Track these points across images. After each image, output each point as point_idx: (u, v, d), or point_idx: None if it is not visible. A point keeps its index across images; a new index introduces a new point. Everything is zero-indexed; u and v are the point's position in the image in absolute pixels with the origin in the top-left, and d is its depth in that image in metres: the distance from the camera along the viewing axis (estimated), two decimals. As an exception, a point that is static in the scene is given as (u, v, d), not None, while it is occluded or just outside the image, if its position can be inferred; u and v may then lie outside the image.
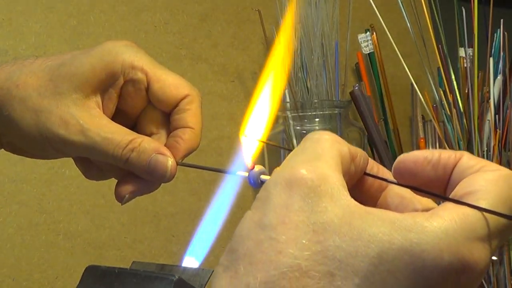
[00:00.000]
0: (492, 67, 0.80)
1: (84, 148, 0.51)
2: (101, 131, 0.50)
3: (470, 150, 0.81)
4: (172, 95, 0.52)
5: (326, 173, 0.35)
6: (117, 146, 0.51)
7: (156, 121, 0.54)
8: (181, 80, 0.53)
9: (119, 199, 0.54)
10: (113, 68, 0.51)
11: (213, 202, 0.57)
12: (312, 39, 0.92)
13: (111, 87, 0.52)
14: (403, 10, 0.85)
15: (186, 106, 0.53)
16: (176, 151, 0.52)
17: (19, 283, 0.85)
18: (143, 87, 0.52)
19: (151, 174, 0.52)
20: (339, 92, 0.94)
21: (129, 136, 0.51)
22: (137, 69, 0.52)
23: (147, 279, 0.49)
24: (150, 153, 0.51)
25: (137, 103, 0.54)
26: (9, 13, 0.87)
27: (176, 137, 0.53)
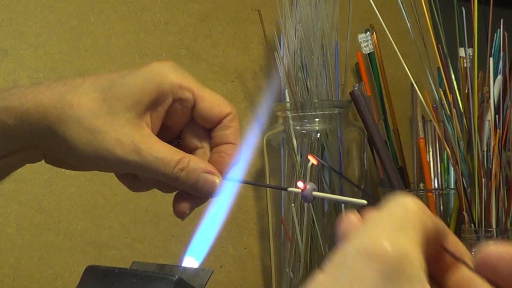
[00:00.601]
0: (492, 67, 0.80)
1: (137, 167, 0.54)
2: (153, 151, 0.53)
3: (470, 150, 0.81)
4: (216, 114, 0.56)
5: (409, 252, 0.33)
6: (168, 166, 0.53)
7: (199, 136, 0.57)
8: (223, 99, 0.57)
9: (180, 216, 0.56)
10: (162, 88, 0.54)
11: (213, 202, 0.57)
12: (312, 39, 0.92)
13: (160, 105, 0.55)
14: (403, 10, 0.85)
15: (229, 123, 0.56)
16: (222, 166, 0.56)
17: (19, 283, 0.85)
18: (190, 105, 0.56)
19: (199, 192, 0.55)
20: (339, 92, 0.94)
21: (178, 155, 0.54)
22: (185, 89, 0.55)
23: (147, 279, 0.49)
24: (199, 172, 0.54)
25: (181, 119, 0.57)
26: (9, 13, 0.87)
27: (221, 153, 0.56)
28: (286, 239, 0.93)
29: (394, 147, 1.00)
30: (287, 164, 0.93)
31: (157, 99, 0.54)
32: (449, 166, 0.97)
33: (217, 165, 0.56)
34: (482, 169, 0.79)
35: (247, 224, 0.99)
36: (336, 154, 0.94)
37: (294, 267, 0.92)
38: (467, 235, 0.81)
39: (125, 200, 0.91)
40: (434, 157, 0.99)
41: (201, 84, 0.56)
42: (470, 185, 0.80)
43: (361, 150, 0.97)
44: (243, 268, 0.99)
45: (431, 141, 0.99)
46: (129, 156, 0.53)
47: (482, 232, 0.80)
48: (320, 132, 0.93)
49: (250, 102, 1.00)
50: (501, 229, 0.80)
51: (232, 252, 0.98)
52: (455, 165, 0.82)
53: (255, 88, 1.01)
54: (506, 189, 0.80)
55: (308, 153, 0.91)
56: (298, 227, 0.90)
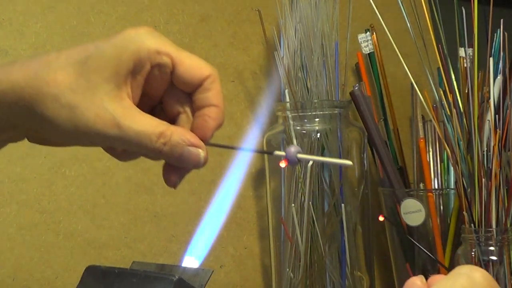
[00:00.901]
0: (492, 67, 0.80)
1: (118, 141, 0.53)
2: (133, 124, 0.52)
3: (470, 150, 0.81)
4: (197, 76, 0.55)
5: None
6: (149, 140, 0.52)
7: (181, 101, 0.56)
8: (201, 60, 0.55)
9: (171, 185, 0.56)
10: (140, 56, 0.53)
11: (213, 202, 0.57)
12: (312, 39, 0.92)
13: (139, 74, 0.54)
14: (403, 10, 0.85)
15: (210, 85, 0.55)
16: (206, 130, 0.55)
17: (19, 283, 0.85)
18: (169, 70, 0.54)
19: (184, 165, 0.54)
20: (339, 92, 0.94)
21: (160, 128, 0.53)
22: (163, 54, 0.54)
23: (147, 279, 0.49)
24: (182, 146, 0.53)
25: (161, 85, 0.55)
26: (9, 13, 0.87)
27: (204, 116, 0.55)
28: (286, 239, 0.93)
29: (394, 147, 1.00)
30: (287, 164, 0.93)
31: (135, 67, 0.53)
32: (449, 166, 0.97)
33: (201, 130, 0.55)
34: (482, 169, 0.79)
35: (247, 224, 0.99)
36: (336, 154, 0.94)
37: (294, 267, 0.92)
38: (467, 235, 0.81)
39: (125, 200, 0.91)
40: (434, 157, 0.99)
41: (179, 48, 0.55)
42: (470, 185, 0.80)
43: (361, 150, 0.97)
44: (243, 268, 0.99)
45: (431, 141, 0.99)
46: (110, 131, 0.52)
47: (482, 232, 0.80)
48: (320, 132, 0.93)
49: (250, 102, 1.00)
50: (501, 229, 0.80)
51: (232, 252, 0.98)
52: (455, 165, 0.82)
53: (255, 88, 1.01)
54: (506, 189, 0.80)
55: (307, 153, 0.91)
56: (298, 227, 0.90)
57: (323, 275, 0.92)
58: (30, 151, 0.86)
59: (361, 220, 0.96)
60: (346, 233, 0.93)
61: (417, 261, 0.95)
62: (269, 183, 0.95)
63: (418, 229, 0.94)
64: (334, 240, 0.93)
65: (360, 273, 0.96)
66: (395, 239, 0.97)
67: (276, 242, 0.94)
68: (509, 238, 0.80)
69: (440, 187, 0.98)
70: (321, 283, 0.92)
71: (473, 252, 0.81)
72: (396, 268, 0.98)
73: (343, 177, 0.93)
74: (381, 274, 1.05)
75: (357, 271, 0.95)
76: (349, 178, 0.96)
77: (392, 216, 0.96)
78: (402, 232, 0.94)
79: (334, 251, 0.93)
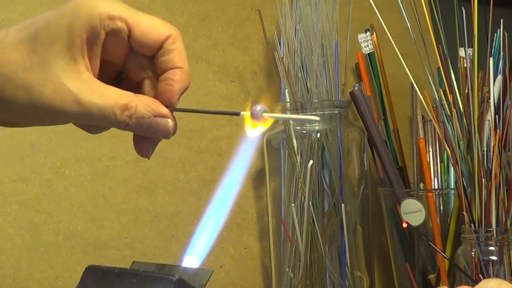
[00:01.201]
0: (492, 67, 0.80)
1: (81, 118, 0.50)
2: (94, 99, 0.49)
3: (470, 150, 0.81)
4: (155, 38, 0.52)
5: None
6: (114, 113, 0.50)
7: (143, 66, 0.53)
8: (160, 21, 0.52)
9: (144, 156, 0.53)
10: (92, 24, 0.50)
11: (213, 202, 0.57)
12: (312, 39, 0.92)
13: (94, 43, 0.51)
14: (403, 10, 0.84)
15: (171, 46, 0.52)
16: (171, 95, 0.52)
17: (19, 283, 0.85)
18: (125, 35, 0.51)
19: (153, 135, 0.52)
20: (339, 92, 0.94)
21: (124, 100, 0.50)
22: (116, 19, 0.51)
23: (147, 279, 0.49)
24: (149, 117, 0.51)
25: (120, 52, 0.53)
26: (9, 13, 0.87)
27: (168, 80, 0.52)
28: (286, 239, 0.93)
29: (394, 147, 1.00)
30: (287, 164, 0.93)
31: (89, 37, 0.50)
32: (449, 166, 0.97)
33: (166, 94, 0.52)
34: (482, 169, 0.79)
35: (247, 224, 0.99)
36: (336, 154, 0.94)
37: (294, 267, 0.92)
38: (467, 235, 0.81)
39: (125, 200, 0.91)
40: (434, 157, 0.99)
41: (134, 10, 0.52)
42: (470, 185, 0.80)
43: (361, 150, 0.97)
44: (243, 268, 0.99)
45: (431, 141, 0.99)
46: (71, 108, 0.49)
47: (482, 232, 0.80)
48: (320, 132, 0.93)
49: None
50: (501, 229, 0.80)
51: (232, 252, 0.98)
52: (455, 165, 0.82)
53: (255, 88, 1.01)
54: (506, 189, 0.80)
55: (307, 153, 0.91)
56: (298, 227, 0.90)
57: (323, 275, 0.92)
58: (30, 151, 0.86)
59: (361, 220, 0.96)
60: (346, 233, 0.93)
61: (417, 261, 0.95)
62: (269, 183, 0.95)
63: (418, 229, 0.94)
64: (334, 240, 0.93)
65: (360, 273, 0.96)
66: (395, 239, 0.97)
67: (276, 242, 0.94)
68: (509, 238, 0.80)
69: (440, 187, 0.98)
70: (321, 283, 0.92)
71: (473, 252, 0.81)
72: (396, 268, 0.98)
73: (343, 177, 0.93)
74: (381, 274, 1.05)
75: (357, 271, 0.95)
76: (349, 178, 0.96)
77: (392, 216, 0.96)
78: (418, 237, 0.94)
79: (334, 251, 0.93)
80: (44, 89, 0.49)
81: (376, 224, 1.02)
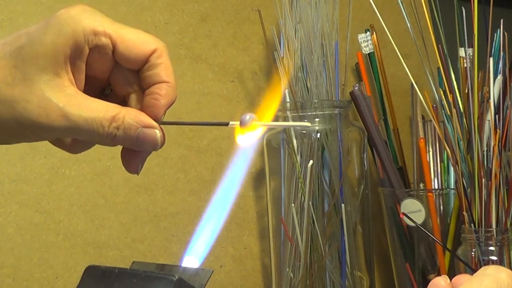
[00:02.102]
0: (492, 67, 0.80)
1: (68, 132, 0.50)
2: (82, 112, 0.49)
3: (470, 150, 0.81)
4: (140, 52, 0.51)
5: None
6: (101, 126, 0.49)
7: (129, 80, 0.53)
8: (145, 35, 0.52)
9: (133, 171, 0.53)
10: (75, 39, 0.49)
11: (213, 202, 0.57)
12: (312, 39, 0.92)
13: (78, 58, 0.50)
14: (403, 10, 0.85)
15: (157, 60, 0.52)
16: (157, 109, 0.51)
17: (19, 283, 0.85)
18: (109, 50, 0.51)
19: (141, 147, 0.51)
20: (339, 92, 0.94)
21: (111, 112, 0.50)
22: (100, 35, 0.50)
23: (147, 279, 0.49)
24: (136, 128, 0.50)
25: (104, 66, 0.52)
26: (9, 13, 0.87)
27: (154, 94, 0.51)
28: (286, 239, 0.93)
29: (394, 147, 1.00)
30: (287, 164, 0.93)
31: (73, 53, 0.49)
32: (449, 166, 0.97)
33: (152, 109, 0.51)
34: (482, 169, 0.79)
35: (247, 224, 0.99)
36: (336, 154, 0.94)
37: (294, 267, 0.92)
38: (467, 235, 0.81)
39: (125, 200, 0.91)
40: (434, 157, 0.99)
41: (118, 24, 0.51)
42: (470, 185, 0.80)
43: (361, 150, 0.97)
44: (243, 268, 0.99)
45: (431, 141, 0.99)
46: (57, 122, 0.48)
47: (482, 232, 0.80)
48: (320, 132, 0.93)
49: (250, 102, 1.00)
50: (501, 229, 0.80)
51: (232, 252, 0.98)
52: (455, 165, 0.82)
53: (255, 88, 1.01)
54: (506, 189, 0.80)
55: (307, 153, 0.91)
56: (298, 227, 0.90)
57: (323, 275, 0.92)
58: (30, 151, 0.86)
59: (361, 220, 0.96)
60: (346, 233, 0.93)
61: (417, 261, 0.95)
62: (269, 183, 0.95)
63: (418, 229, 0.94)
64: (334, 240, 0.93)
65: (360, 273, 0.96)
66: (395, 239, 0.97)
67: (276, 242, 0.94)
68: (509, 238, 0.80)
69: (440, 187, 0.98)
70: (321, 283, 0.92)
71: (473, 252, 0.81)
72: (396, 268, 0.98)
73: (343, 177, 0.93)
74: (381, 274, 1.05)
75: (357, 271, 0.95)
76: (349, 178, 0.96)
77: (392, 216, 0.96)
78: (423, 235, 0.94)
79: (334, 251, 0.93)
80: (28, 105, 0.48)
81: (376, 224, 1.02)
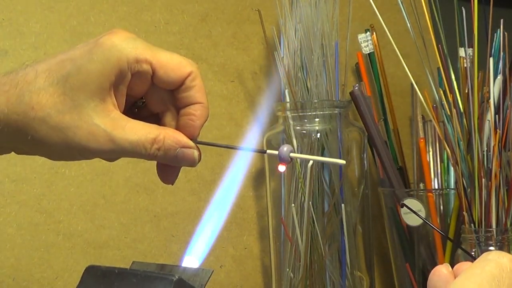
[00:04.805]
0: (492, 67, 0.80)
1: (114, 154, 0.54)
2: (126, 135, 0.53)
3: (470, 150, 0.81)
4: (177, 76, 0.55)
5: None
6: (144, 147, 0.53)
7: (164, 99, 0.57)
8: (180, 58, 0.56)
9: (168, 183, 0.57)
10: (120, 67, 0.53)
11: (213, 202, 0.57)
12: (312, 39, 0.92)
13: (121, 84, 0.54)
14: (403, 10, 0.85)
15: (191, 83, 0.56)
16: (193, 129, 0.56)
17: (19, 283, 0.85)
18: (149, 76, 0.55)
19: (179, 164, 0.55)
20: (339, 92, 0.94)
21: (152, 133, 0.54)
22: (142, 62, 0.54)
23: (147, 279, 0.49)
24: (176, 148, 0.54)
25: (143, 88, 0.56)
26: (9, 13, 0.87)
27: (190, 115, 0.56)
28: (286, 239, 0.93)
29: (394, 147, 1.00)
30: (287, 164, 0.93)
31: (117, 79, 0.53)
32: (449, 166, 0.97)
33: (188, 129, 0.56)
34: (482, 169, 0.79)
35: (247, 224, 0.99)
36: (336, 154, 0.94)
37: (294, 267, 0.92)
38: (467, 235, 0.81)
39: (125, 200, 0.91)
40: (434, 157, 0.99)
41: (156, 50, 0.55)
42: (470, 185, 0.80)
43: (361, 150, 0.97)
44: (243, 268, 0.99)
45: (431, 141, 0.99)
46: (105, 146, 0.53)
47: (482, 232, 0.80)
48: (320, 132, 0.93)
49: (250, 102, 1.00)
50: (501, 229, 0.80)
51: (232, 252, 0.98)
52: (455, 165, 0.82)
53: (255, 88, 1.01)
54: (506, 189, 0.80)
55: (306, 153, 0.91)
56: (298, 227, 0.90)
57: (323, 275, 0.92)
58: (30, 151, 0.86)
59: (361, 220, 0.96)
60: (346, 233, 0.93)
61: (417, 261, 0.95)
62: (269, 183, 0.95)
63: (418, 229, 0.94)
64: (334, 240, 0.93)
65: (360, 273, 0.96)
66: (395, 239, 0.97)
67: (276, 242, 0.94)
68: (509, 238, 0.80)
69: (440, 187, 0.98)
70: (321, 283, 0.92)
71: (473, 252, 0.81)
72: (396, 268, 0.98)
73: (343, 177, 0.93)
74: (381, 274, 1.05)
75: (357, 271, 0.95)
76: (349, 178, 0.96)
77: (392, 216, 0.96)
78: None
79: (334, 251, 0.93)
80: (78, 131, 0.52)
81: (376, 224, 1.02)
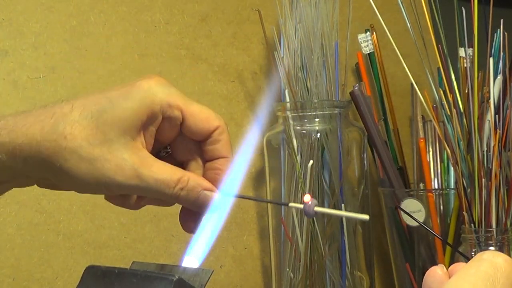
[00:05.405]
0: (492, 67, 0.80)
1: (138, 190, 0.55)
2: (153, 174, 0.55)
3: (470, 150, 0.81)
4: (205, 128, 0.57)
5: None
6: (168, 186, 0.55)
7: (190, 149, 0.59)
8: (210, 112, 0.58)
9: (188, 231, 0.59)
10: (153, 109, 0.55)
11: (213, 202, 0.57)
12: (312, 39, 0.92)
13: (151, 125, 0.56)
14: (403, 10, 0.85)
15: (219, 137, 0.58)
16: (219, 183, 0.58)
17: (19, 283, 0.85)
18: (179, 122, 0.57)
19: (199, 208, 0.57)
20: (339, 92, 0.94)
21: (177, 174, 0.56)
22: (174, 108, 0.56)
23: (147, 279, 0.49)
24: (198, 190, 0.56)
25: (171, 134, 0.58)
26: (9, 13, 0.87)
27: (216, 170, 0.58)
28: (286, 239, 0.93)
29: (394, 147, 1.00)
30: (287, 164, 0.93)
31: (148, 120, 0.56)
32: (449, 166, 0.97)
33: (213, 183, 0.57)
34: (482, 169, 0.79)
35: (247, 224, 0.99)
36: (336, 154, 0.94)
37: (294, 267, 0.92)
38: (467, 235, 0.81)
39: (125, 200, 0.91)
40: (434, 157, 0.99)
41: (188, 100, 0.57)
42: (470, 185, 0.80)
43: (361, 150, 0.97)
44: (243, 268, 0.99)
45: (431, 141, 0.99)
46: (131, 181, 0.54)
47: (482, 232, 0.80)
48: (320, 132, 0.93)
49: (250, 102, 1.00)
50: (501, 229, 0.80)
51: (232, 252, 0.98)
52: (455, 165, 0.82)
53: (255, 88, 1.01)
54: (506, 189, 0.80)
55: (307, 153, 0.91)
56: (298, 227, 0.90)
57: (323, 275, 0.92)
58: (30, 151, 0.86)
59: (361, 220, 0.96)
60: (346, 233, 0.93)
61: (417, 261, 0.95)
62: (269, 183, 0.95)
63: (418, 229, 0.94)
64: (334, 240, 0.93)
65: (360, 273, 0.96)
66: (395, 239, 0.97)
67: (276, 242, 0.94)
68: (509, 238, 0.80)
69: (440, 187, 0.98)
70: (321, 283, 0.92)
71: (473, 252, 0.81)
72: (396, 268, 0.98)
73: (343, 177, 0.93)
74: (381, 274, 1.05)
75: (357, 271, 0.95)
76: (349, 178, 0.96)
77: (392, 216, 0.96)
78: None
79: (334, 251, 0.93)
80: (107, 163, 0.54)
81: (376, 224, 1.02)
